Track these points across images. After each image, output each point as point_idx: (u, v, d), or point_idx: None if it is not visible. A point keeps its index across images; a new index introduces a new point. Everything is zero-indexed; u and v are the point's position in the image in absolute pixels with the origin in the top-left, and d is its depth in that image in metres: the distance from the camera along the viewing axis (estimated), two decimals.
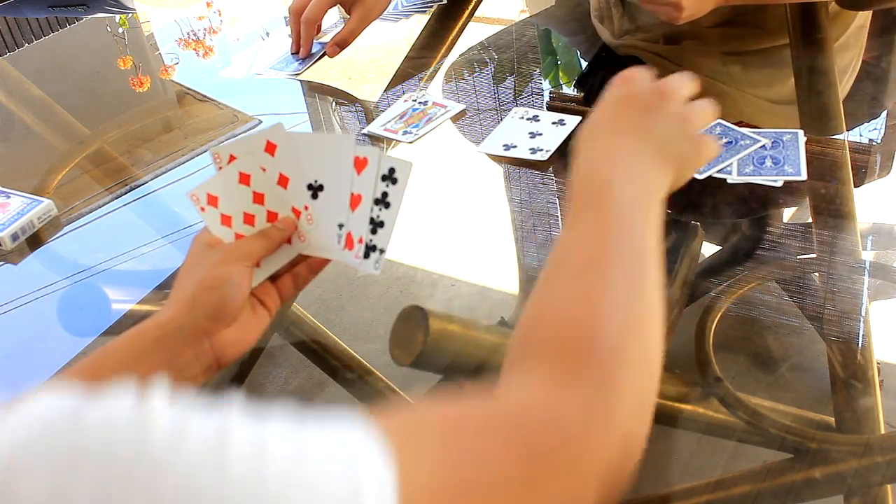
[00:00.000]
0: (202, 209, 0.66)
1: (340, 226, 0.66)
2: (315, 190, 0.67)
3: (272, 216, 0.68)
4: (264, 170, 0.67)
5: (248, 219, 0.68)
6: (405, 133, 1.12)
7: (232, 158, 0.67)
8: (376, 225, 0.65)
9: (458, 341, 0.87)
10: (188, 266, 0.65)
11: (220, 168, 0.67)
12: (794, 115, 1.09)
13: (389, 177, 0.64)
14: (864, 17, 1.15)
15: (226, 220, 0.67)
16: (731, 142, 0.97)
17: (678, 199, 0.59)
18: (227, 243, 0.66)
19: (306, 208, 0.67)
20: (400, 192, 0.64)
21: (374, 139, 1.14)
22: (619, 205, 0.51)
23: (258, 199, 0.68)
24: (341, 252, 0.66)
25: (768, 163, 0.95)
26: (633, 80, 0.63)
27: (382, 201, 0.64)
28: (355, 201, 0.65)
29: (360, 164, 0.64)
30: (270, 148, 0.66)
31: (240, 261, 0.63)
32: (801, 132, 0.98)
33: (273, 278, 0.68)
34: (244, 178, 0.67)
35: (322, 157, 0.66)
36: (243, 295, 0.63)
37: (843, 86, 1.13)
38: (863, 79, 1.17)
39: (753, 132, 0.98)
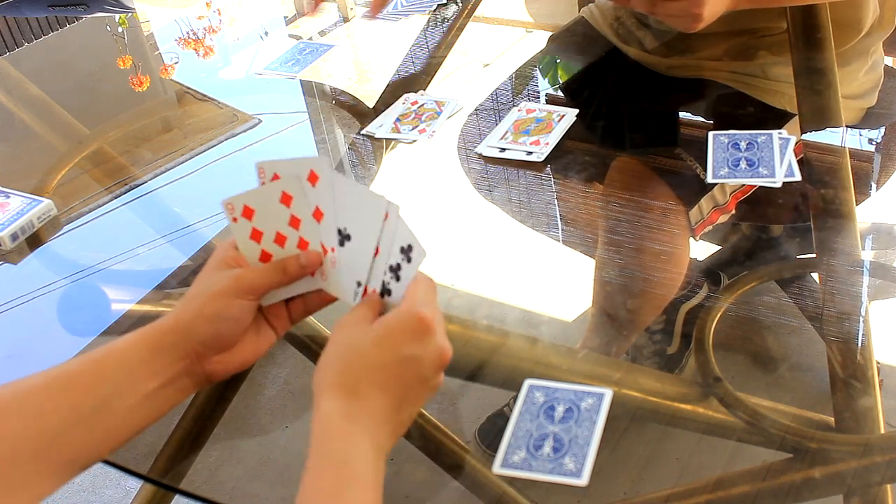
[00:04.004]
0: (234, 220, 0.65)
1: (359, 283, 0.65)
2: (343, 237, 0.65)
3: (303, 244, 0.67)
4: (305, 196, 0.66)
5: (280, 239, 0.67)
6: (405, 133, 1.12)
7: (276, 177, 0.65)
8: (384, 291, 0.64)
9: (457, 341, 0.87)
10: (200, 279, 0.65)
11: (264, 183, 0.66)
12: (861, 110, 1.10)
13: (406, 252, 0.63)
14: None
15: (256, 235, 0.66)
16: (736, 143, 0.97)
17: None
18: (239, 271, 0.64)
19: (333, 250, 0.66)
20: (411, 272, 0.62)
21: (374, 140, 1.14)
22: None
23: (294, 222, 0.67)
24: (355, 304, 0.66)
25: (743, 165, 0.95)
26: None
27: (395, 271, 0.63)
28: (377, 254, 0.64)
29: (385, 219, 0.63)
30: (313, 178, 0.65)
31: (245, 295, 0.63)
32: (774, 133, 0.97)
33: (286, 300, 0.68)
34: (286, 199, 0.66)
35: (356, 208, 0.65)
36: (241, 330, 0.63)
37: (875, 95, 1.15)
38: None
39: (730, 133, 0.98)
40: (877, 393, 0.75)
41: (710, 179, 0.94)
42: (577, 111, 1.08)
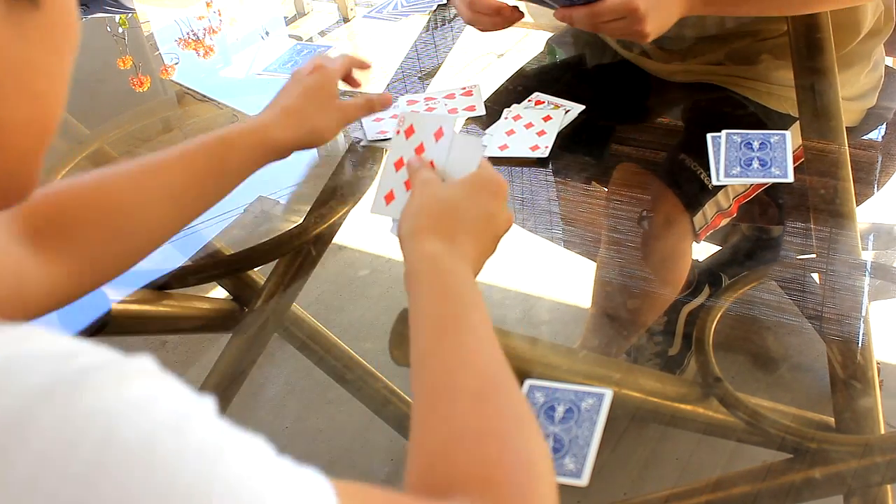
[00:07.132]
0: (398, 132, 0.76)
1: None
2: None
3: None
4: (436, 145, 0.76)
5: (407, 184, 0.75)
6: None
7: (411, 128, 0.77)
8: None
9: None
10: (305, 94, 0.86)
11: (398, 132, 0.77)
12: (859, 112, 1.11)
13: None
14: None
15: (400, 163, 0.76)
16: (749, 143, 0.97)
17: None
18: (344, 104, 0.89)
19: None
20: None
21: (373, 141, 1.14)
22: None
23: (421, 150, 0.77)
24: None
25: (755, 164, 0.95)
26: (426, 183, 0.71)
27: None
28: None
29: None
30: (439, 133, 0.76)
31: (345, 123, 0.89)
32: (788, 133, 0.98)
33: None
34: (420, 148, 0.76)
35: (461, 160, 0.74)
36: (328, 141, 0.86)
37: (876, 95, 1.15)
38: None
39: (743, 133, 0.98)
40: (877, 393, 0.75)
41: (721, 178, 0.94)
42: (583, 107, 1.09)
